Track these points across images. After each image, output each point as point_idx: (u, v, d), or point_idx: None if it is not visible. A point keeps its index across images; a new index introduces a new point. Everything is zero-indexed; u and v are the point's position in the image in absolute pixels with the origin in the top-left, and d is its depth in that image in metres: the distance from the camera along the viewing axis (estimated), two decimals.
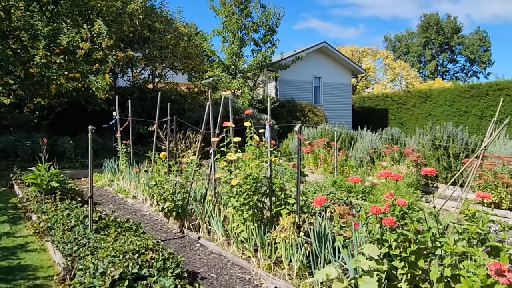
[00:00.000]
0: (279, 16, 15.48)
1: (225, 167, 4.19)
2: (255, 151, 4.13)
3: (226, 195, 4.22)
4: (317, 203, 2.79)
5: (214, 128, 5.27)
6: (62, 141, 10.08)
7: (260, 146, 4.24)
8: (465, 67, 54.52)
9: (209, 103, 5.35)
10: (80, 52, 8.35)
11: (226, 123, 4.58)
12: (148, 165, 7.27)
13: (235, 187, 3.99)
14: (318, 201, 2.80)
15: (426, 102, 20.20)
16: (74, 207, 5.50)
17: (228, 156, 4.10)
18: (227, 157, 4.11)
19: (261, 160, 4.11)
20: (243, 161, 4.06)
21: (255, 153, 4.16)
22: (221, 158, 4.20)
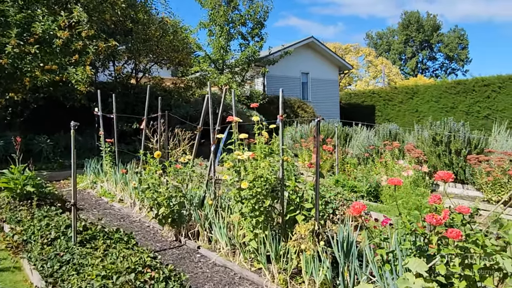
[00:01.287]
0: (267, 9, 14.99)
1: (231, 167, 3.67)
2: (265, 149, 3.63)
3: (233, 199, 3.70)
4: (356, 211, 2.32)
5: (214, 124, 4.73)
6: (38, 140, 9.28)
7: (271, 144, 3.74)
8: (444, 64, 55.57)
9: (208, 96, 4.81)
10: (57, 42, 7.59)
11: (230, 118, 4.05)
12: (136, 166, 6.65)
13: (244, 191, 3.48)
14: (356, 209, 2.33)
15: (413, 98, 20.16)
16: (54, 214, 4.87)
17: (235, 155, 3.58)
18: (235, 156, 3.59)
19: (273, 159, 3.62)
20: (252, 160, 3.55)
21: (264, 152, 3.66)
22: (227, 158, 3.68)
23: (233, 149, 3.68)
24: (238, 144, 3.72)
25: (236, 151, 3.63)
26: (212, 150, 4.55)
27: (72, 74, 7.82)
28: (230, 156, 3.64)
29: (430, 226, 2.53)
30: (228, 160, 3.65)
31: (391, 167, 7.75)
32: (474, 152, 7.64)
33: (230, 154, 3.81)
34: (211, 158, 4.67)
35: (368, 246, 2.70)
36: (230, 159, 3.61)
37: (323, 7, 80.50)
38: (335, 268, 3.23)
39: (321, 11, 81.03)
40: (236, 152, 3.59)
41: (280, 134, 3.72)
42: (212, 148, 4.53)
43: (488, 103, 17.23)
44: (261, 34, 15.18)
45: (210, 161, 4.67)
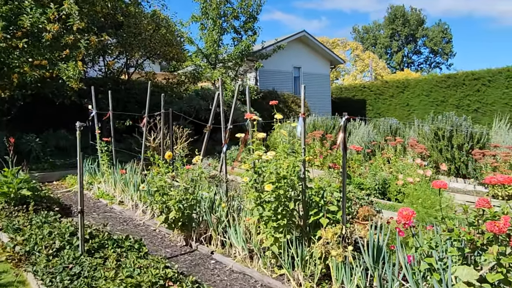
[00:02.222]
0: (260, 2, 14.67)
1: (250, 168, 3.45)
2: (284, 148, 3.42)
3: (252, 202, 3.49)
4: (404, 217, 2.15)
5: (225, 123, 4.49)
6: (26, 140, 8.84)
7: (293, 142, 3.54)
8: (429, 58, 56.30)
9: (219, 92, 4.56)
10: (47, 36, 7.18)
11: (248, 116, 3.83)
12: (136, 166, 6.35)
13: (266, 193, 3.28)
14: (404, 215, 2.15)
15: (403, 92, 20.25)
16: (53, 219, 4.58)
17: (256, 155, 3.36)
18: (255, 157, 3.37)
19: (295, 159, 3.42)
20: (273, 160, 3.34)
21: (285, 150, 3.46)
22: (246, 158, 3.46)
23: (253, 148, 3.47)
24: (256, 143, 3.51)
25: (256, 151, 3.41)
26: (224, 151, 4.32)
27: (63, 70, 7.42)
28: (250, 156, 3.42)
29: (474, 229, 2.38)
30: (247, 160, 3.44)
31: (394, 162, 7.67)
32: (476, 146, 7.62)
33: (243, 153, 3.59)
34: (222, 157, 4.44)
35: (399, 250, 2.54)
36: (250, 160, 3.40)
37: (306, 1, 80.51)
38: (370, 276, 3.07)
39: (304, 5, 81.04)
40: (257, 152, 3.38)
41: (302, 132, 3.53)
42: (224, 148, 4.30)
43: (478, 97, 17.41)
44: (254, 28, 14.89)
45: (221, 161, 4.45)
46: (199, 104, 12.37)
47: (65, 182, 7.53)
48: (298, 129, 3.52)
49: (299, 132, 3.52)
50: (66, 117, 10.94)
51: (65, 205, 5.84)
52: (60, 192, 6.76)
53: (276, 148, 3.63)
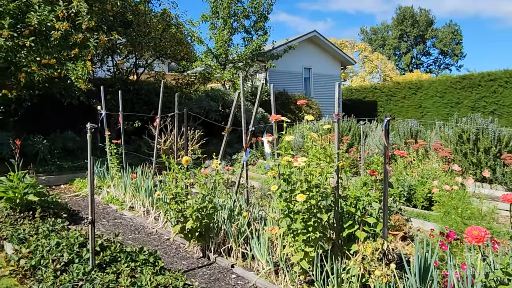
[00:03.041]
0: (271, 2, 14.38)
1: (279, 176, 3.11)
2: (317, 153, 3.08)
3: (281, 213, 3.15)
4: (476, 238, 1.79)
5: (246, 124, 4.16)
6: (33, 141, 8.59)
7: (325, 147, 3.20)
8: (438, 59, 55.58)
9: (240, 92, 4.25)
10: (55, 34, 6.91)
11: (274, 117, 3.50)
12: (148, 170, 6.04)
13: (297, 204, 2.94)
14: (475, 236, 1.80)
15: (416, 93, 19.79)
16: (60, 227, 4.28)
17: (284, 161, 3.02)
18: (284, 163, 3.03)
19: (329, 165, 3.07)
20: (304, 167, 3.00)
21: (317, 156, 3.11)
22: (274, 164, 3.12)
23: (282, 153, 3.13)
24: (284, 147, 3.17)
25: (285, 157, 3.07)
26: (245, 157, 3.99)
27: (71, 69, 7.15)
28: (278, 161, 3.08)
29: None
30: (275, 167, 3.10)
31: (416, 166, 7.29)
32: (505, 150, 7.20)
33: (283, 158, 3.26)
34: (242, 162, 4.11)
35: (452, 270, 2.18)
36: (281, 166, 3.05)
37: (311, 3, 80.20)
38: None
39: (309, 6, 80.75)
40: (286, 158, 3.04)
41: (335, 136, 3.18)
42: (245, 156, 3.96)
43: (494, 98, 16.91)
44: (264, 28, 14.59)
45: (242, 167, 4.11)
46: (209, 105, 12.07)
47: (72, 186, 7.25)
48: (336, 132, 3.17)
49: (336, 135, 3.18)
50: (73, 118, 10.71)
51: (73, 211, 5.54)
52: (68, 197, 6.48)
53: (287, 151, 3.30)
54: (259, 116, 12.96)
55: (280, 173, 3.08)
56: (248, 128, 4.13)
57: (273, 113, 3.73)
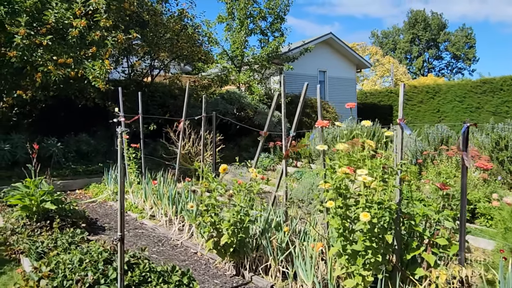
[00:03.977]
0: (288, 2, 14.03)
1: (334, 190, 2.72)
2: (378, 165, 2.69)
3: (335, 232, 2.76)
4: None
5: (287, 130, 3.79)
6: (47, 144, 8.31)
7: (386, 158, 2.81)
8: (450, 64, 54.77)
9: (279, 93, 3.89)
10: (72, 32, 6.62)
11: (320, 123, 3.12)
12: (170, 176, 5.69)
13: (358, 223, 2.55)
14: None
15: (434, 98, 19.26)
16: (80, 238, 3.94)
17: (341, 172, 2.63)
18: (340, 175, 2.64)
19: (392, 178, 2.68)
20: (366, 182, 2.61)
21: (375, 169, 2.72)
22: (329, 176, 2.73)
23: (338, 164, 2.74)
24: (341, 156, 2.78)
25: (340, 168, 2.68)
26: (284, 164, 3.60)
27: (89, 69, 6.86)
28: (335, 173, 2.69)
29: None
30: (329, 179, 2.71)
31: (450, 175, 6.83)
32: None
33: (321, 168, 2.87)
34: (282, 170, 3.73)
35: None
36: (336, 178, 2.66)
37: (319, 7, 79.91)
38: None
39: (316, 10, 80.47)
40: (342, 169, 2.65)
41: (399, 144, 2.80)
42: (284, 164, 3.58)
43: None
44: (281, 29, 14.23)
45: (281, 175, 3.73)
46: (225, 108, 11.73)
47: (88, 191, 6.94)
48: (399, 137, 2.79)
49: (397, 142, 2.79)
50: (87, 120, 10.44)
51: (91, 219, 5.21)
52: (84, 203, 6.16)
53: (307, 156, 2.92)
54: (276, 120, 12.59)
55: (335, 186, 2.69)
56: (289, 133, 3.74)
57: (319, 119, 3.35)
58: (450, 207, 2.73)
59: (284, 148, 3.62)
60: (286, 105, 13.79)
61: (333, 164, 2.75)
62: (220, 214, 3.49)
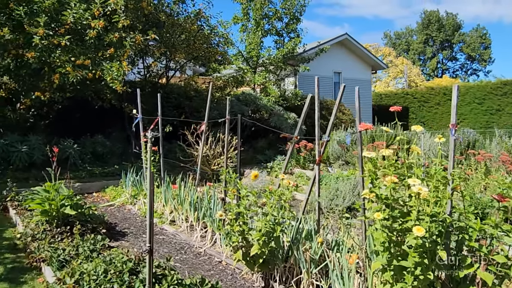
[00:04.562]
0: (304, 2, 13.82)
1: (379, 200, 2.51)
2: (437, 174, 2.46)
3: (379, 246, 2.55)
4: None
5: (320, 133, 3.58)
6: (64, 145, 8.23)
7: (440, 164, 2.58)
8: (465, 65, 53.82)
9: (313, 95, 3.70)
10: (91, 33, 6.53)
11: (364, 126, 2.91)
12: (192, 181, 5.53)
13: (410, 237, 2.34)
14: None
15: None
16: (101, 245, 3.80)
17: (388, 181, 2.42)
18: (389, 184, 2.42)
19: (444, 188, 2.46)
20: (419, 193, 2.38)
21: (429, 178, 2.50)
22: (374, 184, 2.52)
23: (387, 172, 2.52)
24: (389, 164, 2.57)
25: (388, 176, 2.47)
26: (317, 170, 3.40)
27: (107, 70, 6.76)
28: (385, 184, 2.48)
29: None
30: (376, 188, 2.50)
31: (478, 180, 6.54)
32: None
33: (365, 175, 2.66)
34: (314, 177, 3.52)
35: None
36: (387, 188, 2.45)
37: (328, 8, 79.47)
38: None
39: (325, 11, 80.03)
40: (390, 178, 2.43)
41: (451, 151, 2.57)
42: (316, 172, 3.38)
43: None
44: (297, 30, 14.04)
45: (312, 182, 3.53)
46: (240, 109, 11.56)
47: (105, 194, 6.82)
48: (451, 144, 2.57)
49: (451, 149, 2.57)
50: (102, 122, 10.37)
51: (110, 224, 5.07)
52: (102, 207, 6.04)
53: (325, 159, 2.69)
54: (291, 122, 12.38)
55: (383, 196, 2.47)
56: (322, 137, 3.54)
57: (358, 121, 3.14)
58: (509, 221, 2.49)
59: (317, 153, 3.42)
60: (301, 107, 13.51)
61: (380, 172, 2.54)
62: (248, 223, 3.30)
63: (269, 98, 12.32)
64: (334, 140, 10.34)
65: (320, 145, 3.44)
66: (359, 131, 3.09)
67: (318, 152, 3.40)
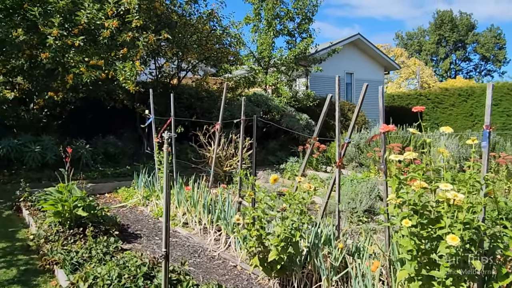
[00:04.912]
0: (317, 2, 13.66)
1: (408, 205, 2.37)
2: (471, 179, 2.31)
3: (406, 254, 2.41)
4: None
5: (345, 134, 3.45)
6: (76, 145, 8.24)
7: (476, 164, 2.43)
8: (479, 65, 52.90)
9: (332, 94, 3.58)
10: (104, 33, 6.50)
11: (386, 128, 2.78)
12: (205, 183, 5.44)
13: (442, 245, 2.19)
14: None
15: (467, 101, 18.45)
16: (114, 248, 3.72)
17: (416, 186, 2.28)
18: (418, 189, 2.28)
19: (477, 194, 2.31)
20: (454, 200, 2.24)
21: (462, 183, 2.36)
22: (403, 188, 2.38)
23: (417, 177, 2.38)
24: (416, 169, 2.42)
25: (416, 181, 2.33)
26: (337, 174, 3.27)
27: (119, 70, 6.72)
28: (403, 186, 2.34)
29: None
30: (404, 194, 2.36)
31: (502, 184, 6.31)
32: None
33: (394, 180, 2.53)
34: (334, 179, 3.39)
35: None
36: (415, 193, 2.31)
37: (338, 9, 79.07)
38: None
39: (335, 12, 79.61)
40: (419, 183, 2.29)
41: (485, 155, 2.42)
42: (337, 175, 3.25)
43: None
44: (309, 30, 13.89)
45: (332, 185, 3.40)
46: (252, 110, 11.46)
47: (118, 195, 6.78)
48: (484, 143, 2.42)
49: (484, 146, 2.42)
50: (114, 122, 10.38)
51: (122, 225, 5.01)
52: (114, 208, 5.99)
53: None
54: (304, 123, 12.24)
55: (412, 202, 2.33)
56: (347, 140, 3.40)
57: (381, 122, 3.00)
58: None
59: (337, 156, 3.28)
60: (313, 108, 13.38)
61: (406, 176, 2.40)
62: (265, 227, 3.19)
63: (280, 99, 12.20)
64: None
65: (341, 147, 3.30)
66: (382, 132, 2.95)
67: (339, 154, 3.27)
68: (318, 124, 3.93)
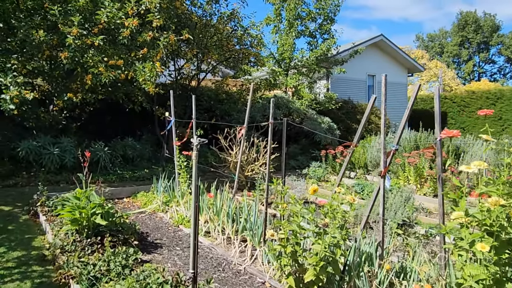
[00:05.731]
0: (339, 2, 13.26)
1: (483, 226, 1.99)
2: None
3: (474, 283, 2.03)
4: None
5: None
6: (95, 148, 8.09)
7: None
8: (504, 67, 51.13)
9: (372, 97, 3.22)
10: (124, 33, 6.31)
11: (448, 133, 2.41)
12: (230, 190, 5.14)
13: None
14: None
15: (495, 104, 17.64)
16: (133, 260, 3.46)
17: (491, 202, 1.90)
18: (492, 205, 1.91)
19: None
20: None
21: None
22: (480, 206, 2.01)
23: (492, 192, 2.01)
24: (496, 183, 2.05)
25: (493, 197, 1.95)
26: (387, 183, 2.91)
27: (139, 71, 6.51)
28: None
29: None
30: (480, 212, 1.99)
31: None
32: None
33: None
34: (378, 189, 3.02)
35: None
36: (493, 212, 1.93)
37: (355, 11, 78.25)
38: None
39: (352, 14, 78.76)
40: (495, 200, 1.92)
41: None
42: (388, 182, 2.89)
43: None
44: (330, 31, 13.50)
45: (376, 196, 3.03)
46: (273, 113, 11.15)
47: (136, 200, 6.56)
48: None
49: None
50: (132, 125, 10.23)
51: (141, 234, 4.76)
52: (133, 214, 5.75)
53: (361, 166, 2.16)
54: (325, 126, 11.84)
55: (487, 223, 1.96)
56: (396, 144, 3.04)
57: (437, 127, 2.63)
58: None
59: (383, 164, 2.92)
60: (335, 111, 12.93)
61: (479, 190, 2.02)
62: (301, 243, 2.85)
63: (301, 101, 11.84)
64: (373, 146, 9.71)
65: (386, 154, 2.94)
66: (439, 138, 2.58)
67: (384, 163, 2.90)
68: (359, 130, 3.56)
